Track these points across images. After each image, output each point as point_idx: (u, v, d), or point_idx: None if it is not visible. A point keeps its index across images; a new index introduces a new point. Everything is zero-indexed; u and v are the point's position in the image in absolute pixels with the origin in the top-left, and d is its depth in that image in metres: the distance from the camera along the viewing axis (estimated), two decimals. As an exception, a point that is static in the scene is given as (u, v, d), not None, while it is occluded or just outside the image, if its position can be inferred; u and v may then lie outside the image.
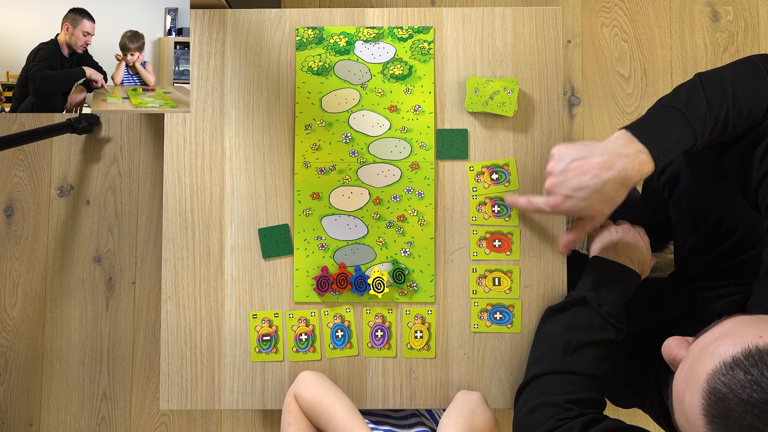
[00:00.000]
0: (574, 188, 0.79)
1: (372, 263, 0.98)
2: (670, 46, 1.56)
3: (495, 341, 0.97)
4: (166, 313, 0.98)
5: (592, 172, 0.78)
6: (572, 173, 0.80)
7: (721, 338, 0.59)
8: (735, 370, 0.55)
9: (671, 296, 1.03)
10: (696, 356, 0.60)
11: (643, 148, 0.77)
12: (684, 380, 0.61)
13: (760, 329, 0.57)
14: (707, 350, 0.59)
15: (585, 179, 0.79)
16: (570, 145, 0.82)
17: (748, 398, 0.54)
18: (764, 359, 0.55)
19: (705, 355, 0.59)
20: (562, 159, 0.81)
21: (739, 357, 0.56)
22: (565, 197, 0.81)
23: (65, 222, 1.54)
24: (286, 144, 1.00)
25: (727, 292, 0.95)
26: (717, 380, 0.56)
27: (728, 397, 0.55)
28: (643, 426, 0.88)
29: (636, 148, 0.77)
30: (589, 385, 0.83)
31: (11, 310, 1.53)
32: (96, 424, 1.51)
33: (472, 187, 0.98)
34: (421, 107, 0.99)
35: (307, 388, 0.89)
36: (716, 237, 0.98)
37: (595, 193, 0.79)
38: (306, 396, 0.89)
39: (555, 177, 0.82)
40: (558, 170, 0.81)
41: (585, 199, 0.80)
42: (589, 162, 0.79)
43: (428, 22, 1.01)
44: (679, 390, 0.61)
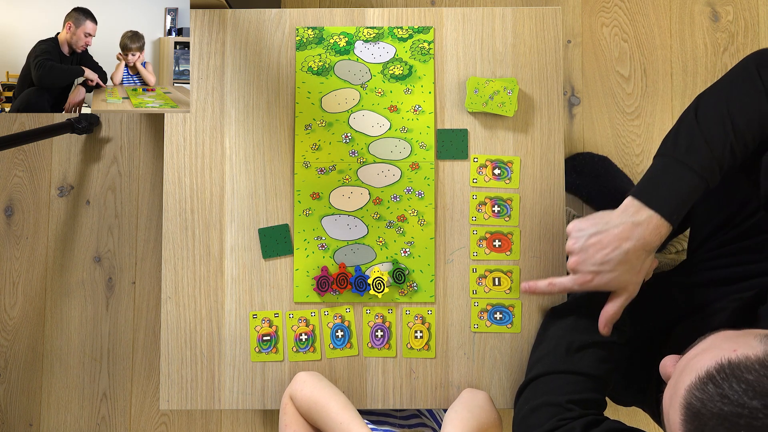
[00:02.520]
0: (599, 263, 0.79)
1: (372, 263, 0.98)
2: (670, 46, 1.56)
3: (495, 341, 0.97)
4: (166, 313, 0.98)
5: (612, 245, 0.78)
6: (593, 249, 0.79)
7: (701, 353, 0.59)
8: (708, 385, 0.56)
9: (676, 292, 1.03)
10: (679, 373, 0.61)
11: (654, 213, 0.76)
12: (669, 397, 0.61)
13: (737, 343, 0.58)
14: (688, 367, 0.60)
15: (606, 252, 0.78)
16: (584, 219, 0.82)
17: (719, 411, 0.54)
18: (735, 373, 0.55)
19: (685, 372, 0.59)
20: (580, 236, 0.81)
21: (711, 371, 0.56)
22: (592, 273, 0.80)
23: (65, 222, 1.54)
24: (286, 144, 1.00)
25: (734, 289, 0.94)
26: (692, 395, 0.56)
27: (702, 411, 0.55)
28: (642, 427, 0.88)
29: (647, 214, 0.76)
30: (591, 386, 0.83)
31: (11, 310, 1.53)
32: (96, 424, 1.51)
33: (473, 178, 0.98)
34: (421, 107, 0.99)
35: (303, 389, 0.89)
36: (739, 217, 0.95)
37: (620, 264, 0.78)
38: (301, 396, 0.88)
39: (577, 255, 0.81)
40: (578, 248, 0.81)
41: (611, 271, 0.79)
42: (608, 235, 0.78)
43: (428, 22, 1.01)
44: (666, 406, 0.62)
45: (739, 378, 0.54)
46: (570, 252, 0.83)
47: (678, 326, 0.96)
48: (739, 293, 0.90)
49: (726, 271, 0.94)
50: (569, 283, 0.84)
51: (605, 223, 0.79)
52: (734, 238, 0.96)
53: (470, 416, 0.85)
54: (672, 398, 0.60)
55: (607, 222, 0.79)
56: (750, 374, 0.54)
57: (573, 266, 0.82)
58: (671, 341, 0.95)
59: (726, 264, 0.95)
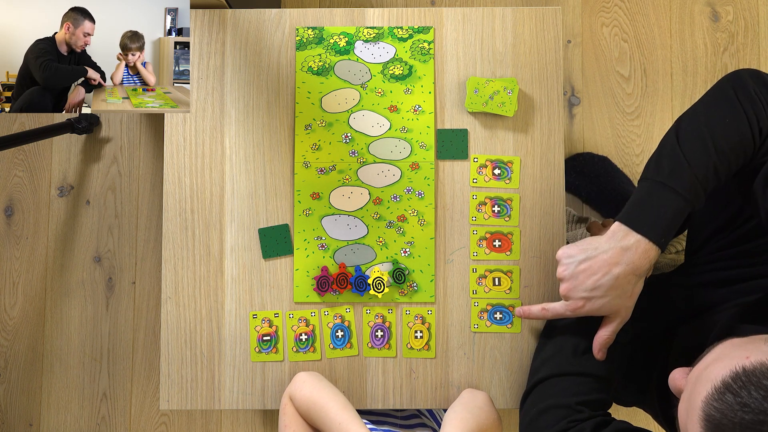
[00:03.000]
0: (590, 289, 0.79)
1: (372, 263, 0.98)
2: (670, 46, 1.56)
3: (495, 341, 0.97)
4: (166, 313, 0.98)
5: (602, 270, 0.78)
6: (583, 275, 0.80)
7: (713, 364, 0.59)
8: (725, 394, 0.55)
9: (676, 293, 1.03)
10: (692, 385, 0.61)
11: (642, 238, 0.77)
12: (685, 411, 0.61)
13: (748, 350, 0.57)
14: (701, 378, 0.59)
15: (597, 278, 0.79)
16: (572, 246, 0.83)
17: (740, 421, 0.54)
18: (751, 380, 0.55)
19: (699, 383, 0.59)
20: (570, 263, 0.81)
21: (727, 380, 0.56)
22: (583, 300, 0.81)
23: (65, 222, 1.54)
24: (286, 144, 1.00)
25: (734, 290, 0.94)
26: (710, 406, 0.56)
27: (723, 422, 0.55)
28: (643, 426, 0.88)
29: (635, 238, 0.77)
30: (598, 386, 0.83)
31: (11, 310, 1.53)
32: (96, 424, 1.51)
33: (473, 178, 0.98)
34: (421, 107, 0.99)
35: (302, 389, 0.89)
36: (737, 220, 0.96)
37: (611, 290, 0.79)
38: (300, 397, 0.88)
39: (567, 282, 0.82)
40: (569, 275, 0.81)
41: (602, 297, 0.79)
42: (597, 261, 0.79)
43: (428, 22, 1.01)
44: (682, 419, 0.61)
45: (757, 385, 0.54)
46: (561, 279, 0.83)
47: (680, 328, 0.96)
48: (740, 295, 0.90)
49: (726, 273, 0.94)
50: (561, 309, 0.84)
51: (594, 248, 0.80)
52: (733, 242, 0.96)
53: (470, 416, 0.85)
54: (689, 411, 0.60)
55: (596, 248, 0.80)
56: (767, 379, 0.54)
57: (565, 293, 0.83)
58: (675, 345, 0.95)
59: (726, 266, 0.95)
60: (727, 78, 0.80)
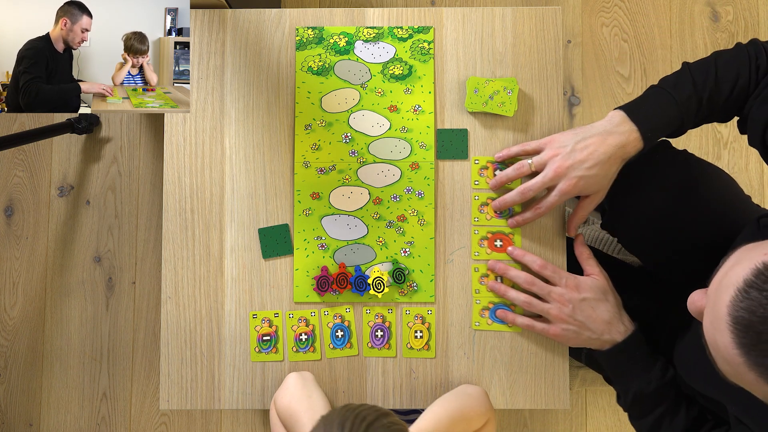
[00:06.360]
0: (588, 166, 0.85)
1: (372, 263, 0.98)
2: (670, 46, 1.56)
3: (495, 341, 0.97)
4: (166, 313, 0.98)
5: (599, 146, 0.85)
6: (581, 153, 0.85)
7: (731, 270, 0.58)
8: (750, 293, 0.54)
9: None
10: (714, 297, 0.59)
11: (635, 128, 0.85)
12: (711, 324, 0.59)
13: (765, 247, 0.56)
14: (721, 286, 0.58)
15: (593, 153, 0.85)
16: (565, 132, 0.89)
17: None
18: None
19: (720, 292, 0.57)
20: (565, 144, 0.87)
21: (750, 278, 0.55)
22: (577, 177, 0.85)
23: (65, 222, 1.54)
24: (286, 144, 1.00)
25: None
26: (737, 308, 0.55)
27: (752, 321, 0.54)
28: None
29: (629, 127, 0.85)
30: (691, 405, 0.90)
31: (11, 310, 1.53)
32: (96, 424, 1.51)
33: (474, 180, 0.98)
34: (421, 107, 0.99)
35: (283, 398, 0.89)
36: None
37: (602, 165, 0.85)
38: (280, 405, 0.89)
39: (562, 159, 0.86)
40: (565, 153, 0.86)
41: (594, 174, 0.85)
42: (592, 139, 0.85)
43: (428, 22, 1.01)
44: (710, 336, 0.59)
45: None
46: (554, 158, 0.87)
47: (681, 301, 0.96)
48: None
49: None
50: (554, 198, 0.88)
51: (588, 130, 0.87)
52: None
53: (454, 400, 0.86)
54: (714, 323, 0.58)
55: (590, 129, 0.87)
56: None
57: (559, 171, 0.86)
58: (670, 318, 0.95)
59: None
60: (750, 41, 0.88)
